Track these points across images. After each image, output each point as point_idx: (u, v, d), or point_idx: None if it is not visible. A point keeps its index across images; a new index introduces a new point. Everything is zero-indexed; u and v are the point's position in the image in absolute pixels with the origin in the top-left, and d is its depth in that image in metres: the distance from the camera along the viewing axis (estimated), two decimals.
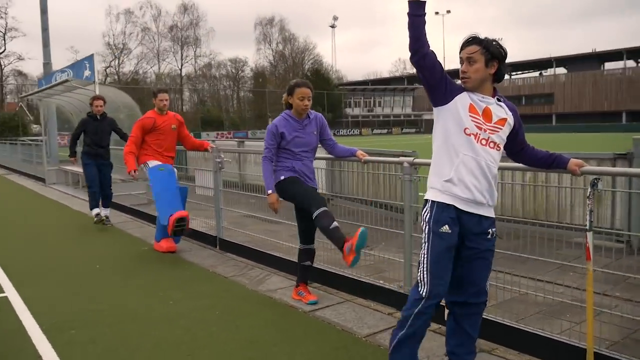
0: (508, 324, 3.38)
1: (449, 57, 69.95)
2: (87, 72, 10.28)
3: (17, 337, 3.73)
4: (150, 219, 7.79)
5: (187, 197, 6.46)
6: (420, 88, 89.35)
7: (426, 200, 2.80)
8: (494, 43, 2.65)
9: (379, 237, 4.90)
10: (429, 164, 2.89)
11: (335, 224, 4.04)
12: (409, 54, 2.62)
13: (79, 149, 8.43)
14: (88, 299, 4.55)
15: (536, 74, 70.10)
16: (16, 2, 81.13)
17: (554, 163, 2.90)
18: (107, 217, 8.07)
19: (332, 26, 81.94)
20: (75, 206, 10.13)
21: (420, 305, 2.70)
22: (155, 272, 5.40)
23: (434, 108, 2.75)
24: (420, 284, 2.72)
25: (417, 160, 3.89)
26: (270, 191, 4.15)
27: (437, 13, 70.31)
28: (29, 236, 7.42)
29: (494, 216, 2.81)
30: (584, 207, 3.10)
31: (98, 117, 7.95)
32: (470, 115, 2.65)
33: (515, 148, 2.91)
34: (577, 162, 2.87)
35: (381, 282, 4.42)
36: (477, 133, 2.65)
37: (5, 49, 60.11)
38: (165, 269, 5.53)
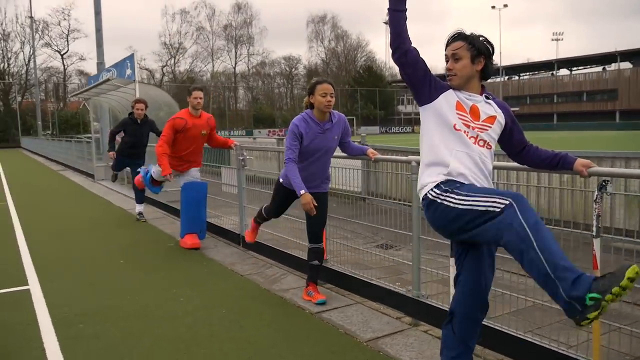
0: (514, 334, 3.18)
1: (505, 54, 68.15)
2: (128, 71, 10.55)
3: (27, 330, 3.82)
4: None
5: (208, 193, 6.50)
6: None
7: (425, 195, 2.51)
8: (480, 39, 2.53)
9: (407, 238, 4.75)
10: None
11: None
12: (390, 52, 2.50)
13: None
14: (104, 294, 4.63)
15: (599, 69, 67.12)
16: (78, 4, 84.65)
17: (559, 164, 2.69)
18: (140, 213, 8.23)
19: (386, 22, 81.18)
20: (116, 202, 10.43)
21: (516, 211, 2.14)
22: (175, 269, 5.44)
23: (419, 108, 2.61)
24: (499, 206, 2.19)
25: None
26: (302, 191, 3.86)
27: (493, 7, 68.36)
28: (65, 230, 7.67)
29: None
30: (589, 211, 2.87)
31: (139, 121, 8.08)
32: (457, 113, 2.51)
33: (515, 148, 2.73)
34: (583, 163, 2.65)
35: (397, 284, 4.27)
36: (465, 131, 2.50)
37: (68, 50, 63.11)
38: (185, 265, 5.57)
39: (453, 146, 2.49)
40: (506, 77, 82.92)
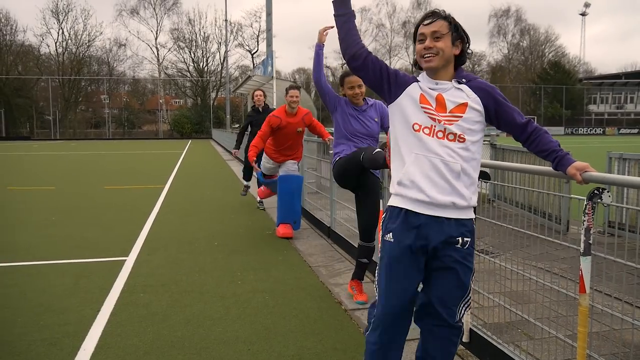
0: None
1: None
2: (269, 68, 11.24)
3: (98, 293, 4.40)
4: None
5: (311, 186, 6.72)
6: None
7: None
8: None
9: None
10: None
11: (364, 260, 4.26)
12: None
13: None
14: (179, 270, 5.10)
15: None
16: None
17: (554, 162, 2.31)
18: (261, 201, 8.79)
19: (583, 14, 74.70)
20: (252, 190, 11.19)
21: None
22: (254, 254, 5.76)
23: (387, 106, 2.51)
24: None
25: None
26: None
27: None
28: (192, 212, 8.51)
29: (467, 217, 2.34)
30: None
31: (260, 109, 8.68)
32: (422, 107, 2.32)
33: (511, 131, 2.38)
34: (579, 166, 2.24)
35: None
36: (431, 125, 2.30)
37: (258, 49, 68.49)
38: (265, 252, 5.86)
39: (412, 148, 2.34)
40: None
